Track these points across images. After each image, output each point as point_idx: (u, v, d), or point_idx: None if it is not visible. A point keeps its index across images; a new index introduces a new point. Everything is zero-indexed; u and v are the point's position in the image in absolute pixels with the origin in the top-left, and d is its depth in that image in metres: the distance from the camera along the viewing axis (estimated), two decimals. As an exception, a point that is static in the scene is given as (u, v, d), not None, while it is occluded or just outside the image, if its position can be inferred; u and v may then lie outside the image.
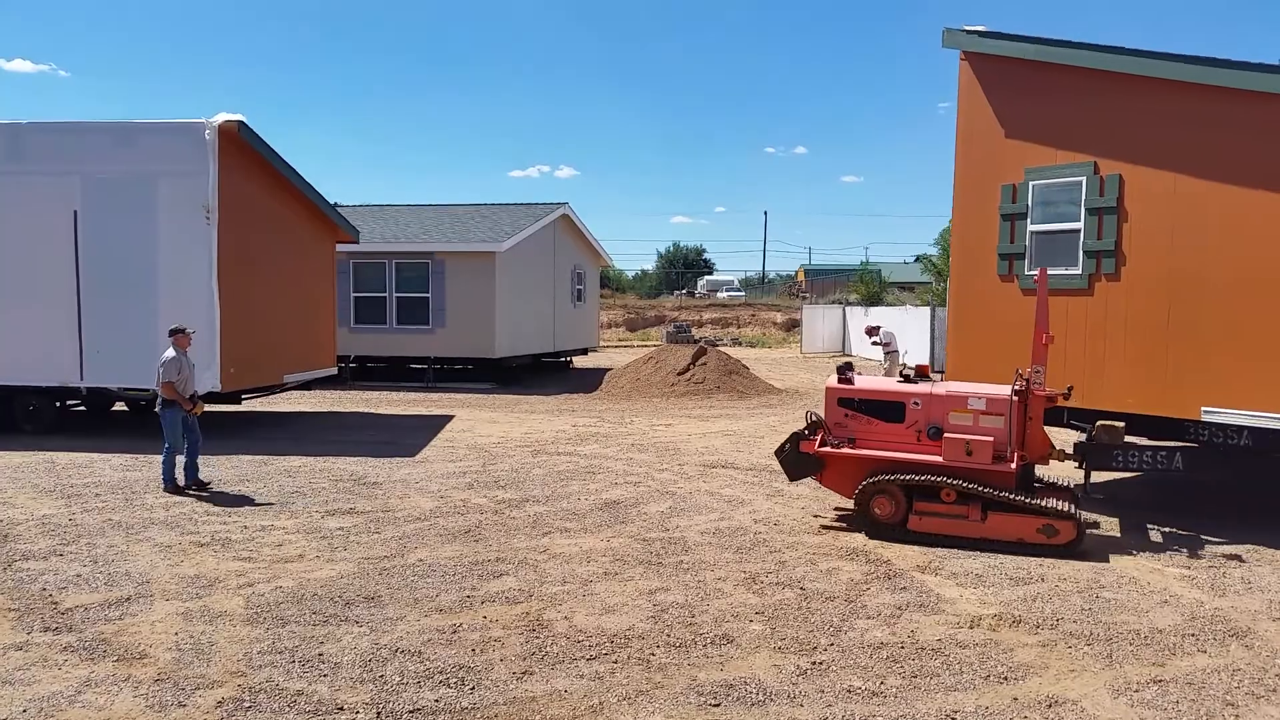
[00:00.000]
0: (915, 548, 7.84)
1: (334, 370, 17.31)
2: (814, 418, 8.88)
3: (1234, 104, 8.26)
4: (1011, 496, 7.86)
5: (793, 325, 46.24)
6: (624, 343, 42.96)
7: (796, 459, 8.80)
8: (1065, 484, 8.89)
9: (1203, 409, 8.40)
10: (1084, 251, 9.42)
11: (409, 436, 13.83)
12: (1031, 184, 9.89)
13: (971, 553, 7.74)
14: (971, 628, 6.03)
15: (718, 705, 4.86)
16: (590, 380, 23.23)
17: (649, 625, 5.98)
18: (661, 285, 73.02)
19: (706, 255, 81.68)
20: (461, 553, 7.56)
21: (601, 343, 34.98)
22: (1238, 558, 7.77)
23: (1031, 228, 9.90)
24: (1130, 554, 7.81)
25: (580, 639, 5.74)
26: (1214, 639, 5.92)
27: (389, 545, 7.78)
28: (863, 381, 8.79)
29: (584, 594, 6.58)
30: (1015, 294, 9.92)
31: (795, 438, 8.82)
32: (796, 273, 77.00)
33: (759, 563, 7.40)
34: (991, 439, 8.05)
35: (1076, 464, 8.93)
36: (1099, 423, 8.97)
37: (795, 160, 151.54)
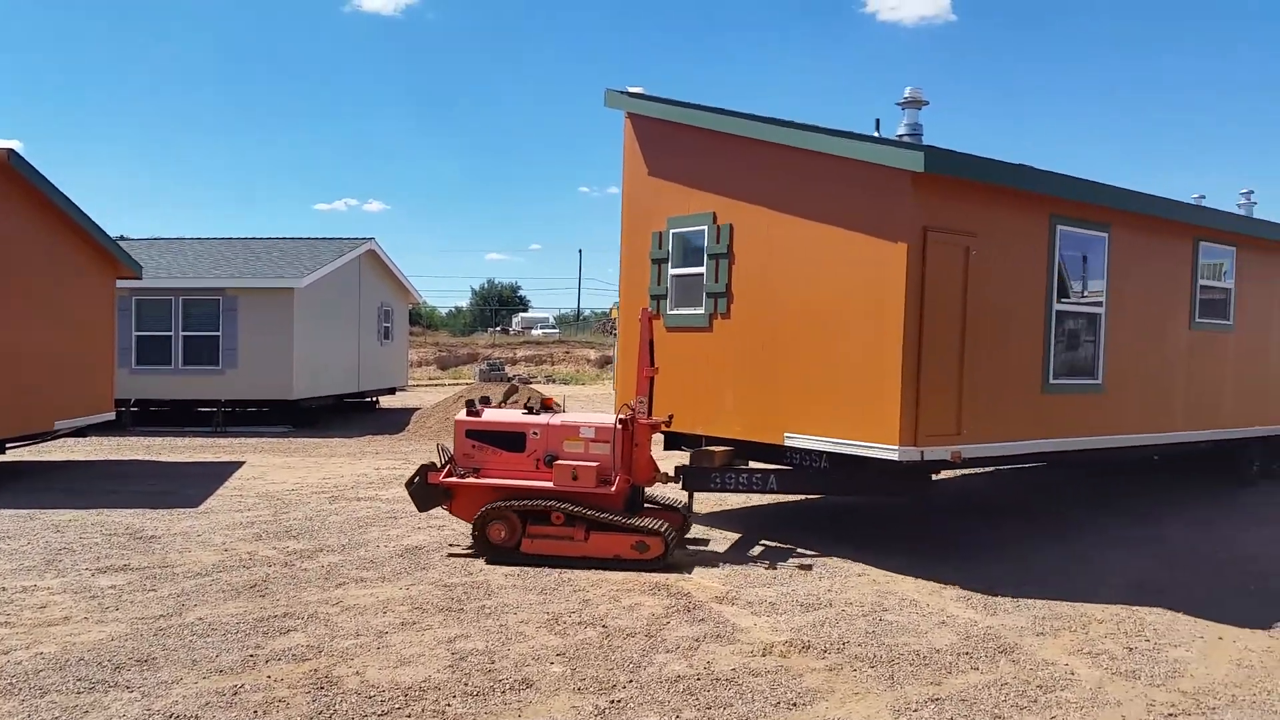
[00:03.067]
0: (715, 581, 8.01)
1: (112, 415, 16.05)
2: (445, 452, 9.09)
3: (803, 161, 9.32)
4: (608, 517, 8.39)
5: (606, 362, 46.72)
6: (435, 382, 42.07)
7: (424, 490, 9.01)
8: (675, 505, 9.52)
9: (785, 435, 9.33)
10: (706, 293, 10.35)
11: (192, 485, 12.98)
12: (671, 232, 10.84)
13: (767, 581, 7.98)
14: (764, 655, 6.20)
15: (513, 753, 4.76)
16: (397, 421, 22.58)
17: (446, 675, 5.81)
18: (476, 323, 72.18)
19: (521, 292, 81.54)
20: (246, 609, 7.12)
21: (411, 382, 34.13)
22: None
23: (671, 272, 10.86)
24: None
25: (372, 694, 5.50)
26: (985, 656, 6.33)
27: (166, 603, 7.23)
28: (489, 414, 9.22)
29: (378, 646, 6.33)
30: (662, 332, 10.63)
31: (424, 469, 9.04)
32: (610, 310, 77.96)
33: (562, 602, 7.35)
34: (597, 464, 8.61)
35: (680, 486, 9.67)
36: (696, 449, 9.89)
37: (609, 200, 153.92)
